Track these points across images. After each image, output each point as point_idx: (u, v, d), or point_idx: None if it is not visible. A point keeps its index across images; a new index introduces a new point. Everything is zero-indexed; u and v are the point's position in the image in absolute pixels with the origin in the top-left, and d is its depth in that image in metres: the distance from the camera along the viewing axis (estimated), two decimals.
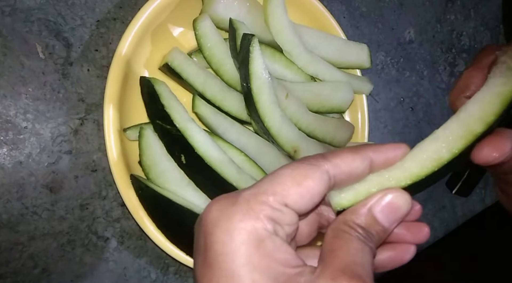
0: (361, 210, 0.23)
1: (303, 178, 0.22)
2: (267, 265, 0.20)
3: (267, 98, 0.39)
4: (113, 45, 0.43)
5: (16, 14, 0.39)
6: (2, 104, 0.39)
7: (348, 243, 0.22)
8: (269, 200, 0.21)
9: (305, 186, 0.22)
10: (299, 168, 0.22)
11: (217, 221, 0.21)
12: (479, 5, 0.68)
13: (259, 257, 0.20)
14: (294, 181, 0.22)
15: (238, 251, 0.20)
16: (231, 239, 0.21)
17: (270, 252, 0.21)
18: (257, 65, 0.39)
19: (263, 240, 0.21)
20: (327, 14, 0.48)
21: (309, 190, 0.22)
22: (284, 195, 0.21)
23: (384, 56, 0.60)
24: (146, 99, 0.41)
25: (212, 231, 0.21)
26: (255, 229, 0.21)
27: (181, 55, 0.41)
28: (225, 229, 0.21)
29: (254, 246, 0.20)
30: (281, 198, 0.21)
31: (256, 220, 0.21)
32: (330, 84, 0.47)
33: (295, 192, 0.22)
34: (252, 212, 0.21)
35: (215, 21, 0.43)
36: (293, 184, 0.22)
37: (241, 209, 0.21)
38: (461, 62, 0.67)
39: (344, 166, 0.23)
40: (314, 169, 0.22)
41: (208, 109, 0.42)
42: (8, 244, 0.39)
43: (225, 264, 0.20)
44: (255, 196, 0.21)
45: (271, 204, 0.21)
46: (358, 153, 0.24)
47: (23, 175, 0.39)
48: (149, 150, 0.40)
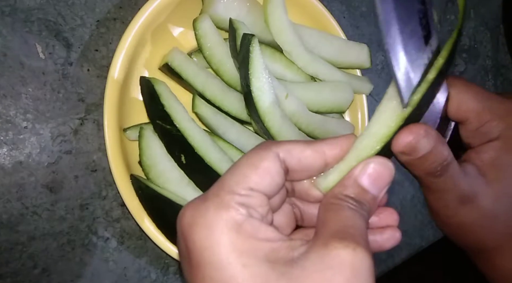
0: (348, 182, 0.24)
1: (258, 161, 0.23)
2: (253, 247, 0.21)
3: (267, 98, 0.39)
4: (113, 45, 0.43)
5: (16, 14, 0.39)
6: (2, 104, 0.39)
7: (338, 212, 0.23)
8: (236, 189, 0.22)
9: (262, 167, 0.23)
10: (253, 153, 0.24)
11: (192, 221, 0.22)
12: (479, 5, 0.68)
13: (242, 241, 0.21)
14: (252, 166, 0.23)
15: (221, 241, 0.21)
16: (211, 233, 0.21)
17: (252, 233, 0.21)
18: (257, 65, 0.39)
19: (241, 225, 0.21)
20: (327, 14, 0.48)
21: (267, 171, 0.23)
22: (246, 180, 0.22)
23: (384, 56, 0.60)
24: (146, 99, 0.41)
25: (190, 232, 0.22)
26: (230, 217, 0.21)
27: (181, 55, 0.41)
28: (202, 226, 0.21)
29: (235, 232, 0.21)
30: (245, 184, 0.22)
31: (229, 209, 0.21)
32: (330, 84, 0.47)
33: (255, 174, 0.22)
34: (223, 203, 0.21)
35: (215, 21, 0.43)
36: (252, 169, 0.23)
37: (211, 203, 0.22)
38: (461, 62, 0.67)
39: (294, 152, 0.24)
40: (266, 151, 0.23)
41: (208, 109, 0.42)
42: (8, 244, 0.39)
43: (211, 257, 0.20)
44: (222, 189, 0.22)
45: (238, 192, 0.22)
46: (310, 144, 0.25)
47: (23, 175, 0.39)
48: (149, 150, 0.40)
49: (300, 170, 0.25)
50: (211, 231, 0.21)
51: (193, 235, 0.21)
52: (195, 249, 0.21)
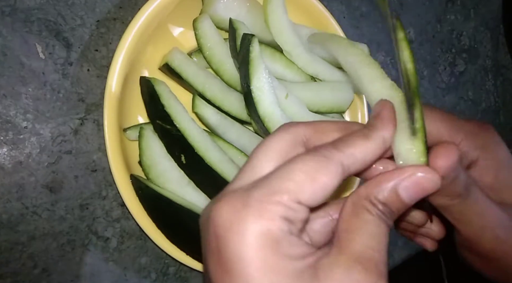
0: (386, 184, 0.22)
1: (316, 173, 0.21)
2: (283, 265, 0.20)
3: (267, 98, 0.39)
4: (113, 45, 0.43)
5: (16, 14, 0.39)
6: (2, 104, 0.39)
7: (366, 224, 0.21)
8: (283, 199, 0.20)
9: (319, 182, 0.21)
10: (312, 161, 0.21)
11: (229, 224, 0.20)
12: (479, 5, 0.68)
13: (276, 259, 0.20)
14: (307, 177, 0.20)
15: (254, 255, 0.20)
16: (246, 244, 0.20)
17: (286, 251, 0.20)
18: (257, 65, 0.39)
19: (279, 242, 0.20)
20: (327, 14, 0.48)
21: (323, 186, 0.21)
22: (297, 192, 0.20)
23: (384, 56, 0.60)
24: (146, 99, 0.41)
25: (225, 234, 0.20)
26: (270, 231, 0.20)
27: (181, 55, 0.41)
28: (239, 233, 0.20)
29: (270, 249, 0.20)
30: (294, 196, 0.20)
31: (271, 222, 0.20)
32: (330, 84, 0.47)
33: (309, 188, 0.20)
34: (266, 214, 0.20)
35: (215, 21, 0.43)
36: (307, 180, 0.20)
37: (253, 211, 0.20)
38: (461, 62, 0.68)
39: (359, 155, 0.22)
40: (327, 162, 0.21)
41: (208, 109, 0.42)
42: (8, 244, 0.39)
43: (241, 269, 0.20)
44: (268, 196, 0.20)
45: (285, 204, 0.20)
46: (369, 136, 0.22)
47: (23, 175, 0.39)
48: (149, 150, 0.40)
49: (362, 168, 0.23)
50: (246, 242, 0.20)
51: (228, 239, 0.20)
52: (227, 254, 0.20)
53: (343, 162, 0.21)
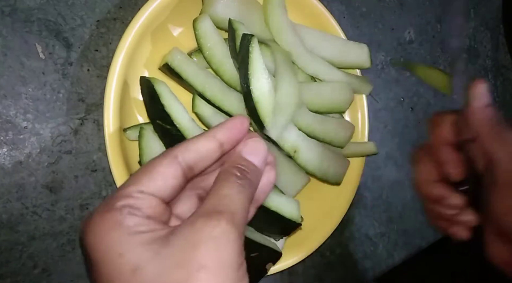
0: (233, 156, 0.28)
1: (152, 166, 0.25)
2: (129, 238, 0.22)
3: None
4: (113, 45, 0.43)
5: (16, 14, 0.39)
6: (2, 104, 0.39)
7: (220, 190, 0.25)
8: (124, 192, 0.24)
9: (155, 172, 0.25)
10: (151, 160, 0.26)
11: (85, 234, 0.23)
12: (479, 5, 0.68)
13: (120, 235, 0.22)
14: (145, 171, 0.25)
15: (102, 241, 0.22)
16: (96, 236, 0.23)
17: (131, 228, 0.23)
18: (257, 65, 0.39)
19: (121, 223, 0.23)
20: (327, 14, 0.48)
21: (160, 174, 0.25)
22: (137, 184, 0.24)
23: (384, 56, 0.60)
24: (146, 99, 0.41)
25: (84, 242, 0.23)
26: (112, 218, 0.23)
27: (181, 55, 0.41)
28: (91, 233, 0.23)
29: (115, 231, 0.23)
30: (135, 187, 0.24)
31: (111, 211, 0.23)
32: (330, 84, 0.47)
33: (146, 179, 0.25)
34: (108, 207, 0.23)
35: (215, 21, 0.43)
36: (144, 173, 0.25)
37: (98, 211, 0.23)
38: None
39: (191, 147, 0.27)
40: (163, 157, 0.26)
41: (208, 109, 0.42)
42: (8, 244, 0.39)
43: (99, 256, 0.22)
44: (112, 196, 0.24)
45: (126, 195, 0.24)
46: (204, 134, 0.28)
47: (23, 175, 0.39)
48: (149, 150, 0.40)
49: (202, 161, 0.27)
50: (96, 234, 0.23)
51: (86, 238, 0.23)
52: (90, 254, 0.23)
53: (177, 155, 0.26)
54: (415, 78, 0.63)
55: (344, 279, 0.57)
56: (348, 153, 0.49)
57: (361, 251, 0.58)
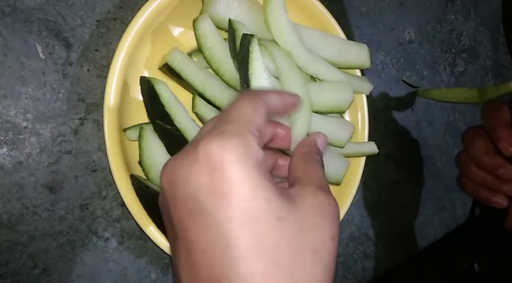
0: (314, 145, 0.33)
1: (258, 106, 0.27)
2: (270, 184, 0.24)
3: None
4: (113, 45, 0.43)
5: (16, 14, 0.39)
6: (2, 104, 0.39)
7: (317, 168, 0.29)
8: (251, 128, 0.25)
9: (262, 113, 0.27)
10: (250, 99, 0.27)
11: (226, 156, 0.23)
12: (479, 5, 0.68)
13: (264, 178, 0.24)
14: (255, 111, 0.27)
15: (250, 176, 0.23)
16: (243, 168, 0.23)
17: (266, 172, 0.24)
18: (257, 65, 0.39)
19: (261, 164, 0.24)
20: (327, 14, 0.48)
21: (265, 116, 0.27)
22: (256, 122, 0.26)
23: (384, 56, 0.60)
24: (146, 99, 0.41)
25: (223, 165, 0.23)
26: (255, 155, 0.24)
27: (181, 55, 0.41)
28: (235, 161, 0.23)
29: (258, 171, 0.23)
30: (254, 125, 0.26)
31: (253, 149, 0.24)
32: (330, 84, 0.47)
33: (260, 118, 0.26)
34: (248, 142, 0.24)
35: (215, 21, 0.43)
36: (256, 113, 0.26)
37: (239, 141, 0.24)
38: (461, 62, 0.68)
39: (272, 99, 0.30)
40: (259, 99, 0.28)
41: (208, 109, 0.42)
42: (8, 244, 0.39)
43: (242, 187, 0.23)
44: (241, 126, 0.25)
45: (254, 132, 0.25)
46: (279, 93, 0.31)
47: (23, 175, 0.39)
48: (149, 150, 0.40)
49: (277, 111, 0.30)
50: (243, 166, 0.23)
51: (228, 168, 0.23)
52: (230, 181, 0.23)
53: (266, 105, 0.28)
54: (415, 78, 0.63)
55: (344, 279, 0.57)
56: (348, 153, 0.49)
57: (361, 251, 0.58)
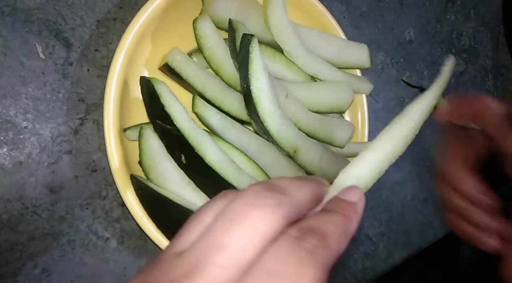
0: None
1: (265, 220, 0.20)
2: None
3: (267, 98, 0.39)
4: (113, 45, 0.43)
5: (16, 14, 0.39)
6: (2, 104, 0.39)
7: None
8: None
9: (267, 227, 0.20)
10: (261, 212, 0.20)
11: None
12: (479, 5, 0.68)
13: None
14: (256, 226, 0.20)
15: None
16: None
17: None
18: (257, 65, 0.39)
19: None
20: (327, 14, 0.48)
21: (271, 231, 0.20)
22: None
23: (384, 56, 0.60)
24: (146, 99, 0.41)
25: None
26: None
27: (181, 55, 0.41)
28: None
29: None
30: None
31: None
32: (330, 84, 0.47)
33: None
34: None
35: (215, 21, 0.43)
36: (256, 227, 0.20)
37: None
38: (461, 62, 0.68)
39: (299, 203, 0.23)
40: (274, 210, 0.21)
41: (208, 109, 0.42)
42: (8, 244, 0.39)
43: None
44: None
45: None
46: (303, 185, 0.24)
47: (23, 175, 0.39)
48: (149, 150, 0.40)
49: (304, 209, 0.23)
50: None
51: None
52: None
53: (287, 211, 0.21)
54: (415, 78, 0.63)
55: (344, 279, 0.57)
56: (348, 153, 0.49)
57: (361, 251, 0.58)
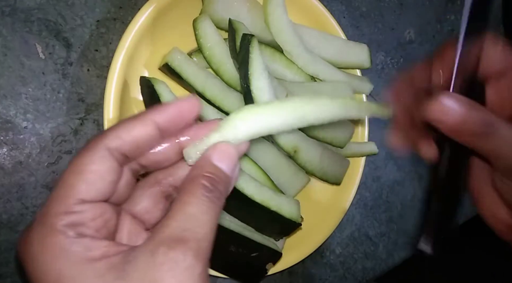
0: (202, 162, 0.24)
1: (83, 165, 0.21)
2: (81, 268, 0.19)
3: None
4: (113, 45, 0.43)
5: (16, 14, 0.39)
6: (2, 104, 0.39)
7: (187, 203, 0.21)
8: (62, 207, 0.20)
9: (89, 172, 0.21)
10: (77, 157, 0.21)
11: (23, 254, 0.20)
12: None
13: (70, 266, 0.19)
14: (77, 173, 0.21)
15: (48, 271, 0.19)
16: (38, 264, 0.20)
17: (81, 255, 0.20)
18: (257, 65, 0.39)
19: (68, 250, 0.19)
20: (327, 14, 0.48)
21: (96, 174, 0.21)
22: (74, 193, 0.20)
23: (384, 56, 0.60)
24: (146, 99, 0.41)
25: (24, 264, 0.20)
26: (56, 243, 0.20)
27: (181, 55, 0.41)
28: (31, 258, 0.20)
29: (63, 259, 0.19)
30: (73, 198, 0.20)
31: (54, 235, 0.20)
32: (330, 84, 0.47)
33: (82, 183, 0.20)
34: (48, 230, 0.20)
35: (215, 21, 0.43)
36: (77, 176, 0.20)
37: (36, 233, 0.20)
38: None
39: (126, 137, 0.22)
40: (91, 151, 0.21)
41: (208, 109, 0.42)
42: (8, 244, 0.39)
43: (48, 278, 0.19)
44: (47, 212, 0.20)
45: (66, 210, 0.20)
46: (137, 118, 0.23)
47: (23, 175, 0.39)
48: None
49: (139, 149, 0.23)
50: (39, 263, 0.20)
51: (27, 267, 0.20)
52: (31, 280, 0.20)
53: (109, 145, 0.22)
54: None
55: (344, 279, 0.57)
56: (348, 153, 0.49)
57: (361, 251, 0.58)
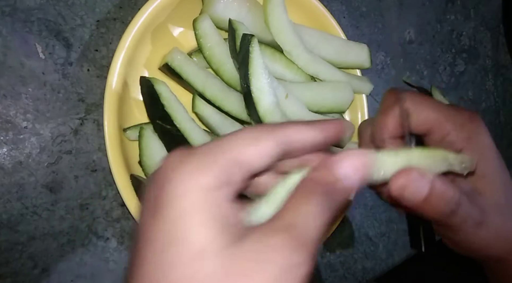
0: (326, 165, 0.24)
1: (257, 139, 0.23)
2: (214, 212, 0.21)
3: (267, 98, 0.39)
4: (113, 45, 0.43)
5: (16, 14, 0.39)
6: (2, 104, 0.39)
7: (302, 204, 0.22)
8: (226, 156, 0.22)
9: (260, 145, 0.23)
10: (253, 131, 0.23)
11: (171, 171, 0.22)
12: (479, 5, 0.68)
13: (209, 205, 0.21)
14: (249, 141, 0.23)
15: (185, 198, 0.21)
16: (178, 189, 0.21)
17: (217, 203, 0.21)
18: (257, 65, 0.39)
19: (219, 189, 0.21)
20: (327, 14, 0.48)
21: (262, 150, 0.23)
22: (240, 153, 0.22)
23: (384, 56, 0.60)
24: (146, 99, 0.41)
25: (172, 175, 0.22)
26: (206, 180, 0.21)
27: (181, 55, 0.41)
28: (177, 180, 0.21)
29: (204, 194, 0.21)
30: (235, 156, 0.22)
31: (209, 172, 0.21)
32: (330, 84, 0.47)
33: (250, 151, 0.22)
34: (208, 165, 0.21)
35: (215, 21, 0.43)
36: (248, 143, 0.22)
37: (198, 158, 0.22)
38: (461, 62, 0.67)
39: (295, 136, 0.24)
40: (267, 133, 0.23)
41: (208, 109, 0.42)
42: (8, 244, 0.39)
43: (172, 210, 0.21)
44: (210, 150, 0.22)
45: (224, 160, 0.22)
46: (310, 124, 0.25)
47: (23, 175, 0.39)
48: (149, 150, 0.40)
49: (299, 150, 0.25)
50: (178, 188, 0.21)
51: (166, 186, 0.21)
52: (161, 199, 0.21)
53: (280, 138, 0.23)
54: (415, 78, 0.63)
55: (344, 279, 0.57)
56: None
57: (361, 251, 0.58)
